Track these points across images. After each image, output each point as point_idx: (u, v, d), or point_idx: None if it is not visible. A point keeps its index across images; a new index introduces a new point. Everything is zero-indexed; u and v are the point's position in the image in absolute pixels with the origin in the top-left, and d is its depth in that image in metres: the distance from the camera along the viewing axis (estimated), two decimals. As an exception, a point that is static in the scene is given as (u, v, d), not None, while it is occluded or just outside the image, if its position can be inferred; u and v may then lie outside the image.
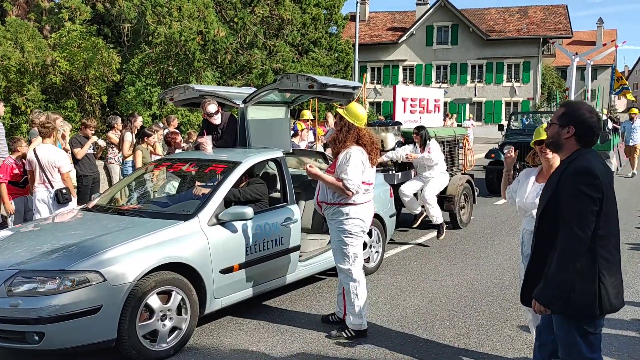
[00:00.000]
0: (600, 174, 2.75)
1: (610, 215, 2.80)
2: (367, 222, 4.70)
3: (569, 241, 2.72)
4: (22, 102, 13.63)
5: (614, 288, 2.82)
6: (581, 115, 2.86)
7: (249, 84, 17.99)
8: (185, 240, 4.45)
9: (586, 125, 2.86)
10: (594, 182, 2.72)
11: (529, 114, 17.38)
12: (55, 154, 6.43)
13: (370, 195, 4.74)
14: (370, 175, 4.66)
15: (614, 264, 2.84)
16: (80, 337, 3.88)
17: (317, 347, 4.49)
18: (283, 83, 6.01)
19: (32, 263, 4.00)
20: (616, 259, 2.87)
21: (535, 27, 38.38)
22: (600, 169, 2.77)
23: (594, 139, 2.89)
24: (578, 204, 2.72)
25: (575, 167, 2.77)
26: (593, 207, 2.72)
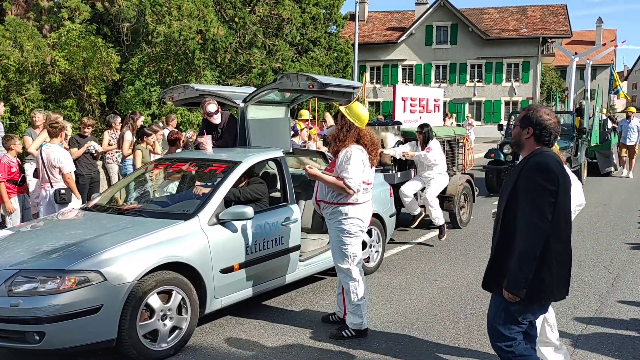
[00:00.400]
0: (556, 170, 2.98)
1: (562, 209, 3.00)
2: (365, 222, 4.70)
3: (529, 231, 2.94)
4: (22, 101, 13.61)
5: (560, 279, 3.04)
6: (538, 118, 3.12)
7: (249, 84, 17.99)
8: (186, 240, 4.45)
9: (543, 127, 3.10)
10: (549, 176, 2.95)
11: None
12: (57, 154, 6.46)
13: (369, 195, 4.74)
14: (369, 175, 4.67)
15: (564, 255, 3.05)
16: (81, 336, 3.88)
17: (317, 346, 4.49)
18: (283, 82, 6.01)
19: (32, 263, 3.99)
20: (566, 251, 3.07)
21: (534, 26, 38.39)
22: (555, 165, 3.01)
23: (551, 139, 3.13)
24: (536, 196, 2.95)
25: (533, 163, 3.02)
26: (550, 199, 2.94)
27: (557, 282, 3.04)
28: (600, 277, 6.31)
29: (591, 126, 15.20)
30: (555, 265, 3.01)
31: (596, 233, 8.59)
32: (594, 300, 5.55)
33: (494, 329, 3.22)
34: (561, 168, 3.03)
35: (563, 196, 3.00)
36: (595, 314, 5.20)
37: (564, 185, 3.00)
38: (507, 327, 3.15)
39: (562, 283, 3.09)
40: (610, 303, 5.48)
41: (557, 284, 3.05)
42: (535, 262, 2.96)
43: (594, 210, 10.55)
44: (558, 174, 2.97)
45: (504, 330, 3.16)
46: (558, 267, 3.02)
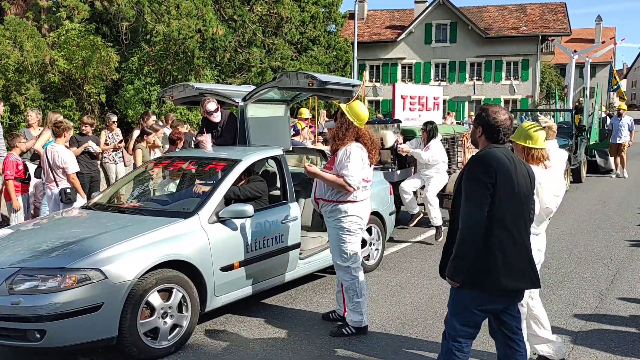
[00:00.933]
0: (496, 163, 3.10)
1: (506, 201, 3.11)
2: (364, 220, 4.71)
3: (466, 220, 3.09)
4: (22, 101, 13.61)
5: (506, 268, 3.09)
6: (486, 117, 3.28)
7: (248, 82, 17.99)
8: (186, 238, 4.46)
9: (490, 125, 3.25)
10: (487, 169, 3.09)
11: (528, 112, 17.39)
12: (61, 154, 6.51)
13: (368, 193, 4.76)
14: (368, 172, 4.69)
15: (510, 245, 3.12)
16: (82, 334, 3.89)
17: (318, 344, 4.50)
18: (283, 81, 6.02)
19: (33, 261, 4.00)
20: (515, 242, 3.13)
21: (534, 24, 38.41)
22: (497, 158, 3.12)
23: (500, 136, 3.25)
24: (473, 187, 3.11)
25: (474, 157, 3.21)
26: (486, 191, 3.07)
27: (504, 270, 3.08)
28: (600, 274, 6.33)
29: (590, 124, 15.20)
30: (499, 253, 3.08)
31: (595, 230, 8.60)
32: (593, 297, 5.57)
33: (447, 320, 3.31)
34: (508, 162, 3.13)
35: (505, 189, 3.10)
36: (594, 310, 5.22)
37: (504, 178, 3.09)
38: (457, 315, 3.23)
39: (512, 271, 3.11)
40: (610, 300, 5.50)
41: (503, 272, 3.08)
42: (473, 250, 3.07)
43: (593, 207, 10.57)
44: (497, 167, 3.09)
45: (455, 321, 3.23)
46: (503, 255, 3.08)
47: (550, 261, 6.89)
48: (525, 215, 3.23)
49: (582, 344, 4.48)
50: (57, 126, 6.64)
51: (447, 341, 3.28)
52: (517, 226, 3.17)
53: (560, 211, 10.18)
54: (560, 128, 13.92)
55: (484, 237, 3.08)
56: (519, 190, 3.17)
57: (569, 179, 12.64)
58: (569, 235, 8.32)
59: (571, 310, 5.22)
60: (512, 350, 3.36)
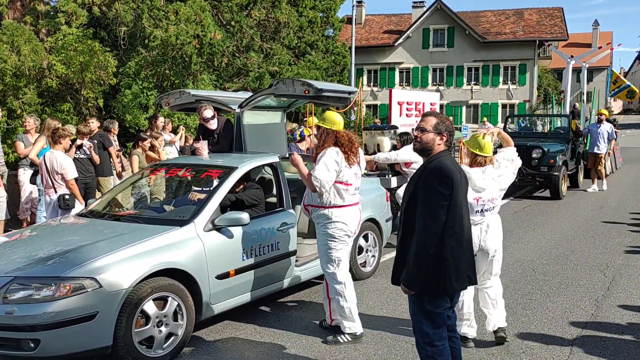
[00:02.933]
0: (451, 174, 3.21)
1: (457, 208, 3.22)
2: (350, 226, 4.67)
3: (422, 231, 3.16)
4: (19, 105, 13.60)
5: (456, 273, 3.23)
6: (449, 125, 3.44)
7: (246, 87, 18.00)
8: (181, 246, 4.45)
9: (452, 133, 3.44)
10: (445, 180, 3.19)
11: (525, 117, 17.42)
12: (60, 160, 6.51)
13: (356, 198, 4.75)
14: (349, 175, 4.63)
15: (459, 251, 3.24)
16: (76, 343, 3.87)
17: (314, 352, 4.49)
18: (279, 88, 6.02)
19: (27, 270, 3.99)
20: (461, 246, 3.26)
21: (531, 29, 38.53)
22: (451, 169, 3.24)
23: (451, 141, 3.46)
24: (431, 199, 3.18)
25: (432, 167, 3.27)
26: (443, 202, 3.16)
27: (456, 276, 3.24)
28: (596, 281, 6.33)
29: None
30: (451, 260, 3.20)
31: (592, 236, 8.61)
32: (589, 304, 5.56)
33: (417, 329, 3.38)
34: (456, 173, 3.26)
35: (457, 198, 3.21)
36: (591, 318, 5.22)
37: (457, 187, 3.22)
38: (427, 322, 3.31)
39: (459, 275, 3.26)
40: (606, 307, 5.50)
41: (456, 278, 3.23)
42: (430, 260, 3.16)
43: (590, 213, 10.58)
44: (454, 178, 3.21)
45: (426, 327, 3.31)
46: (454, 262, 3.22)
47: (546, 267, 6.89)
48: (467, 217, 3.39)
49: (578, 351, 4.47)
50: (53, 133, 6.65)
51: (425, 350, 3.35)
52: (464, 229, 3.30)
53: (557, 217, 10.19)
54: (556, 133, 13.99)
55: (438, 244, 3.17)
56: (464, 195, 3.34)
57: (566, 184, 12.65)
58: (565, 241, 8.32)
59: (567, 317, 5.21)
60: (454, 349, 3.49)
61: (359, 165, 4.79)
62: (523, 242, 8.22)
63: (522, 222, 9.70)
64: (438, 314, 3.31)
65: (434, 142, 3.37)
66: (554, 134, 13.86)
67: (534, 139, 13.38)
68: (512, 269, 6.82)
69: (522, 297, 5.80)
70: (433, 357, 3.32)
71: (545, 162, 12.01)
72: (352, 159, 4.65)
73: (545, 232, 8.96)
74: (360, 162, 4.84)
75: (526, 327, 4.99)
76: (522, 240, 8.34)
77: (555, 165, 12.00)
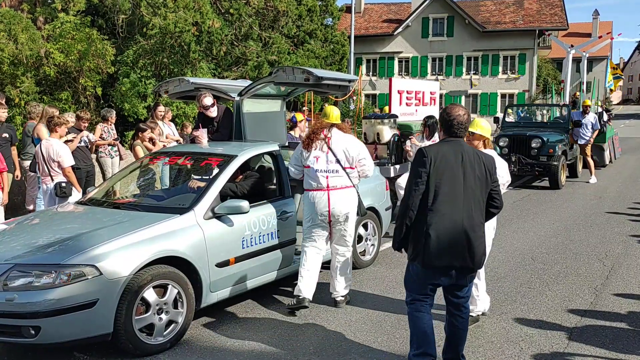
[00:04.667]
0: (433, 155, 3.58)
1: (441, 193, 3.55)
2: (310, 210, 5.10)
3: (401, 203, 3.68)
4: (16, 94, 13.54)
5: (437, 248, 3.53)
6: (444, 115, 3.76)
7: (244, 76, 17.93)
8: (181, 234, 4.44)
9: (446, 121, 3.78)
10: (423, 160, 3.58)
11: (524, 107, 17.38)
12: (56, 148, 6.50)
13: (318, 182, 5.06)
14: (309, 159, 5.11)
15: (441, 231, 3.54)
16: (77, 331, 3.88)
17: (313, 340, 4.50)
18: (279, 76, 5.99)
19: (27, 257, 3.99)
20: (447, 230, 3.55)
21: (531, 19, 38.34)
22: (436, 151, 3.60)
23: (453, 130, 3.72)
24: (411, 175, 3.64)
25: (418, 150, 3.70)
26: (418, 179, 3.57)
27: (437, 251, 3.53)
28: (595, 270, 6.35)
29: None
30: (432, 235, 3.52)
31: (591, 226, 8.63)
32: (588, 293, 5.58)
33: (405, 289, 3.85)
34: (448, 156, 3.60)
35: (436, 177, 3.55)
36: (590, 306, 5.23)
37: (442, 168, 3.56)
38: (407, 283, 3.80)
39: (444, 253, 3.54)
40: (605, 296, 5.51)
41: (436, 253, 3.53)
42: (403, 227, 3.62)
43: (588, 202, 10.59)
44: (433, 158, 3.57)
45: (406, 288, 3.81)
46: (437, 238, 3.53)
47: (545, 257, 6.91)
48: (469, 200, 3.60)
49: (577, 340, 4.49)
50: (49, 121, 6.63)
51: (408, 306, 3.80)
52: (455, 210, 3.56)
53: (556, 206, 10.20)
54: (556, 123, 13.98)
55: (422, 220, 3.56)
56: (466, 179, 3.60)
57: (565, 173, 12.66)
58: (564, 230, 8.34)
59: (566, 306, 5.23)
60: (451, 324, 3.81)
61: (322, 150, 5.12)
62: (522, 232, 8.24)
63: (521, 212, 9.71)
64: (420, 284, 3.70)
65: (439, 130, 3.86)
66: (554, 124, 13.85)
67: (534, 128, 13.37)
68: (512, 258, 6.83)
69: (521, 285, 5.82)
70: (412, 313, 3.78)
71: (544, 151, 12.01)
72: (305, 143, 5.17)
73: (544, 221, 8.97)
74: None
75: (525, 315, 5.01)
76: (521, 230, 8.35)
77: (554, 155, 12.00)
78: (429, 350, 3.71)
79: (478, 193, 3.64)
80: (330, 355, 4.24)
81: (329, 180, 5.04)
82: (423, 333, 3.72)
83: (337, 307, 5.16)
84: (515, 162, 12.03)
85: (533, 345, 4.39)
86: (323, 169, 5.04)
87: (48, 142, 6.54)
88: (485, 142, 4.60)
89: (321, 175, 5.04)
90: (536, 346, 4.37)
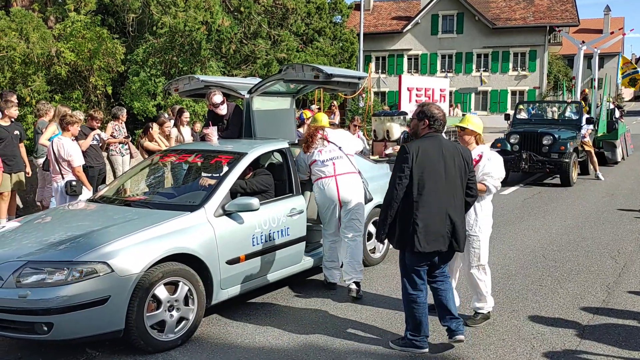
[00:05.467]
0: (415, 150, 3.91)
1: (424, 187, 3.90)
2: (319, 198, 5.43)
3: (386, 195, 4.01)
4: (27, 93, 13.65)
5: (425, 236, 3.91)
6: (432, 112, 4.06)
7: (254, 74, 17.96)
8: (192, 231, 4.46)
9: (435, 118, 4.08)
10: (405, 156, 3.92)
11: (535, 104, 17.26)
12: (67, 147, 6.54)
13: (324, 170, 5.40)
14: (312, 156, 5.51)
15: (428, 223, 3.91)
16: (89, 327, 3.90)
17: (324, 336, 4.50)
18: (288, 73, 5.99)
19: (40, 254, 4.02)
20: (433, 220, 3.92)
21: (541, 15, 38.04)
22: (418, 147, 3.94)
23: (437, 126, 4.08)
24: (395, 170, 3.95)
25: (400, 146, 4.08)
26: (401, 173, 3.90)
27: (426, 238, 3.90)
28: (607, 268, 6.30)
29: (598, 115, 15.07)
30: (419, 225, 3.89)
31: (603, 223, 8.55)
32: (600, 291, 5.54)
33: (401, 279, 4.19)
34: (431, 151, 3.93)
35: (423, 173, 3.90)
36: (602, 304, 5.19)
37: (424, 163, 3.90)
38: (404, 273, 4.12)
39: (432, 239, 3.92)
40: (618, 293, 5.47)
41: (425, 240, 3.90)
42: (388, 219, 3.96)
43: (601, 200, 10.50)
44: (416, 154, 3.90)
45: (404, 277, 4.13)
46: (424, 227, 3.89)
47: (557, 254, 6.86)
48: (452, 192, 3.99)
49: (589, 337, 4.46)
50: (62, 120, 6.68)
51: (404, 295, 4.13)
52: (439, 201, 3.93)
53: (567, 204, 10.13)
54: (567, 120, 13.86)
55: (408, 211, 3.91)
56: (446, 170, 3.96)
57: (576, 171, 12.56)
58: (576, 228, 8.28)
59: (578, 303, 5.19)
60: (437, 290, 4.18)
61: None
62: (533, 229, 8.18)
63: (532, 209, 9.65)
64: (413, 268, 4.05)
65: (417, 127, 4.11)
66: (565, 121, 13.74)
67: (545, 125, 13.27)
68: (523, 256, 6.79)
69: (533, 283, 5.78)
70: (408, 302, 4.10)
71: (555, 148, 11.92)
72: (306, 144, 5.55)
73: (555, 218, 8.91)
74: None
75: (537, 313, 4.98)
76: (532, 227, 8.30)
77: (566, 152, 11.91)
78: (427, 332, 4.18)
79: (458, 182, 4.04)
80: (340, 352, 4.24)
81: (335, 167, 5.39)
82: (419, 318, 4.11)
83: (349, 295, 5.26)
84: (526, 159, 11.95)
85: (545, 343, 4.37)
86: (328, 157, 5.43)
87: (60, 140, 6.58)
88: (477, 137, 4.66)
89: (328, 163, 5.40)
90: (548, 344, 4.34)
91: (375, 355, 4.19)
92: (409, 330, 4.16)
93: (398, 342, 4.24)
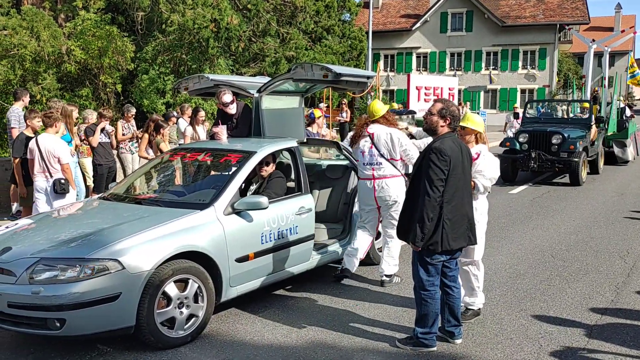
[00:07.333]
0: (450, 152, 3.94)
1: (454, 187, 3.97)
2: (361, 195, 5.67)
3: (425, 198, 3.91)
4: (38, 90, 13.77)
5: (453, 234, 4.01)
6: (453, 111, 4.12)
7: (262, 73, 18.00)
8: (202, 229, 4.50)
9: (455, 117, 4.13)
10: (444, 158, 3.92)
11: (544, 102, 17.17)
12: (55, 144, 6.41)
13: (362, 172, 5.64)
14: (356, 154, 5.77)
15: (455, 221, 4.02)
16: (100, 323, 3.95)
17: (332, 334, 4.53)
18: (297, 73, 6.02)
19: (52, 251, 4.07)
20: (457, 217, 4.03)
21: (551, 13, 37.79)
22: (449, 149, 3.95)
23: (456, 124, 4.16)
24: (432, 173, 3.91)
25: (434, 147, 3.97)
26: (441, 175, 3.91)
27: (453, 236, 4.01)
28: (616, 267, 6.28)
29: (609, 114, 14.97)
30: (449, 224, 3.97)
31: (612, 223, 8.52)
32: (609, 291, 5.53)
33: (415, 275, 4.19)
34: (456, 152, 3.99)
35: (454, 171, 3.95)
36: (610, 304, 5.18)
37: (455, 163, 3.95)
38: (423, 270, 4.11)
39: (456, 236, 4.04)
40: (626, 293, 5.46)
41: (452, 237, 4.01)
42: (431, 223, 3.92)
43: (610, 199, 10.46)
44: (451, 155, 3.93)
45: (422, 274, 4.12)
46: (451, 225, 3.99)
47: (565, 254, 6.85)
48: (468, 189, 4.14)
49: (597, 337, 4.46)
50: (47, 116, 6.48)
51: (419, 293, 4.16)
52: (462, 199, 4.04)
53: (576, 203, 10.09)
54: (577, 119, 13.79)
55: (436, 213, 3.93)
56: (464, 169, 4.06)
57: (586, 170, 12.50)
58: (585, 227, 8.25)
59: (587, 303, 5.19)
60: (449, 295, 4.27)
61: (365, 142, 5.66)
62: (542, 228, 8.17)
63: (541, 208, 9.62)
64: (433, 264, 4.10)
65: (437, 124, 4.08)
66: (575, 120, 13.66)
67: (554, 124, 13.21)
68: (531, 255, 6.79)
69: (541, 283, 5.78)
70: (425, 299, 4.13)
71: (565, 147, 11.87)
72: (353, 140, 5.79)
73: (564, 218, 8.89)
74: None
75: (545, 312, 4.98)
76: (541, 227, 8.29)
77: (575, 151, 11.85)
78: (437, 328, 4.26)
79: (469, 180, 4.21)
80: (348, 350, 4.27)
81: (374, 172, 5.61)
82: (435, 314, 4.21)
83: (382, 287, 5.59)
84: (535, 158, 11.92)
85: (553, 342, 4.37)
86: (368, 162, 5.64)
87: (43, 137, 6.39)
88: (477, 136, 4.68)
89: (367, 168, 5.64)
90: (556, 343, 4.35)
91: (383, 353, 4.21)
92: (419, 328, 4.20)
93: (406, 342, 4.27)
